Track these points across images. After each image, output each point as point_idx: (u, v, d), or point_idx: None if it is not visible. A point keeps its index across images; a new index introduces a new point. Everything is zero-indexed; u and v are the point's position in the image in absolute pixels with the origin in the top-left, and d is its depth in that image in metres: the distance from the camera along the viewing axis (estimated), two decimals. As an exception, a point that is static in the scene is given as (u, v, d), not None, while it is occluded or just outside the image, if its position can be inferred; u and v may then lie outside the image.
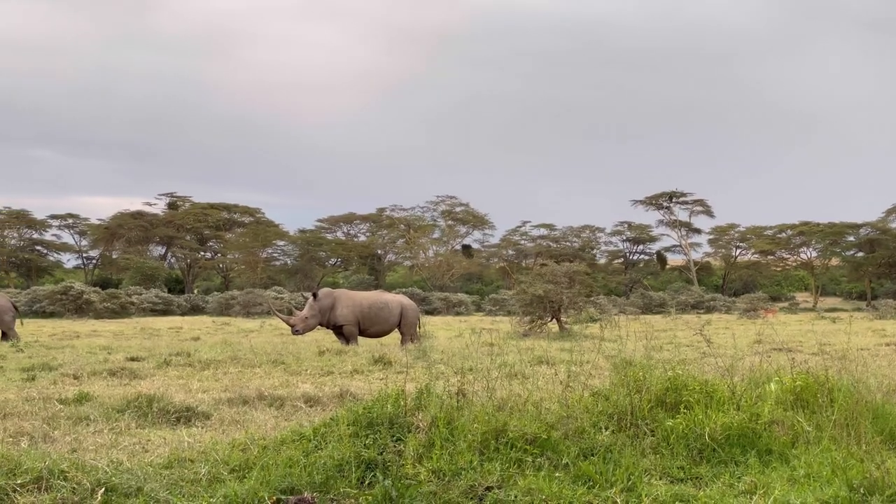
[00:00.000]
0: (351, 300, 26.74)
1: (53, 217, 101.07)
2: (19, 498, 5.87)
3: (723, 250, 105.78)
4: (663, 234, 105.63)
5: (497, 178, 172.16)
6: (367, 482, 6.95)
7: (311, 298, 26.44)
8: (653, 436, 8.31)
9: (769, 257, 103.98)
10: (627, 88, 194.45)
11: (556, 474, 7.20)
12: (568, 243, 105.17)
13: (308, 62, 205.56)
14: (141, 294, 72.41)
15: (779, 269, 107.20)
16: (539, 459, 7.46)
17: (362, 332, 26.78)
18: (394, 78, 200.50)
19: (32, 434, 9.40)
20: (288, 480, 6.85)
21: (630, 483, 7.14)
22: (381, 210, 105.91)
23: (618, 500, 6.73)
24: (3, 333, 29.27)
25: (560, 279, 35.86)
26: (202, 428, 10.30)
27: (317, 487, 6.80)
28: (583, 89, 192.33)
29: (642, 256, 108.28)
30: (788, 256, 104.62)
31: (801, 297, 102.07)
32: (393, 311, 27.05)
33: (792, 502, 6.74)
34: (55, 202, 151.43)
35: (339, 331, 26.52)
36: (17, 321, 30.09)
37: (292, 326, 25.93)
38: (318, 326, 26.52)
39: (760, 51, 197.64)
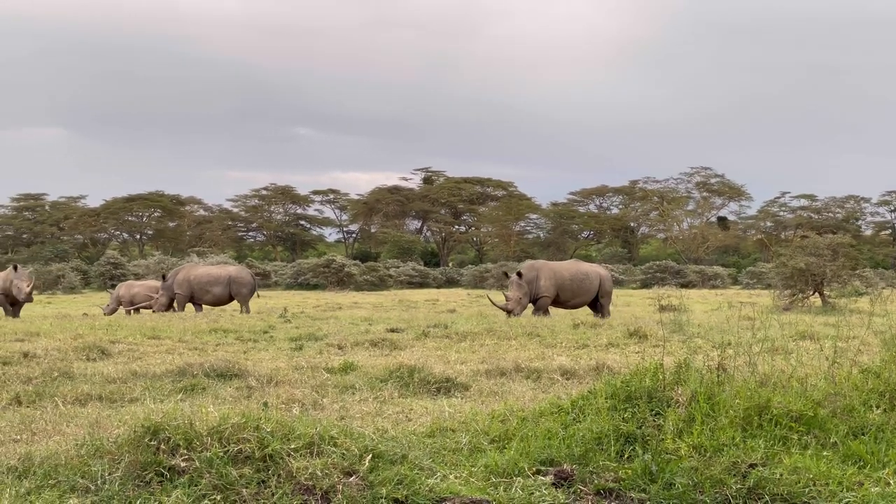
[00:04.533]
0: (552, 272, 26.45)
1: (316, 193, 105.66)
2: (293, 462, 6.14)
3: None
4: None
5: (753, 148, 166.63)
6: (626, 456, 6.91)
7: (514, 277, 26.19)
8: (929, 416, 7.89)
9: None
10: (891, 50, 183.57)
11: (824, 453, 6.93)
12: (830, 214, 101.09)
13: (558, 35, 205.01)
14: (398, 267, 74.57)
15: None
16: (805, 437, 7.21)
17: (563, 304, 26.53)
18: (645, 47, 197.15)
19: (303, 401, 9.81)
20: (547, 452, 6.88)
21: (904, 465, 6.80)
22: (634, 182, 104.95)
23: (890, 482, 6.42)
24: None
25: (823, 251, 34.61)
26: (461, 398, 10.49)
27: (576, 460, 6.81)
28: (840, 53, 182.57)
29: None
30: None
31: None
32: (593, 281, 26.72)
33: None
34: (314, 178, 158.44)
35: (534, 302, 26.32)
36: (255, 294, 31.72)
37: (510, 312, 25.53)
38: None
39: None
